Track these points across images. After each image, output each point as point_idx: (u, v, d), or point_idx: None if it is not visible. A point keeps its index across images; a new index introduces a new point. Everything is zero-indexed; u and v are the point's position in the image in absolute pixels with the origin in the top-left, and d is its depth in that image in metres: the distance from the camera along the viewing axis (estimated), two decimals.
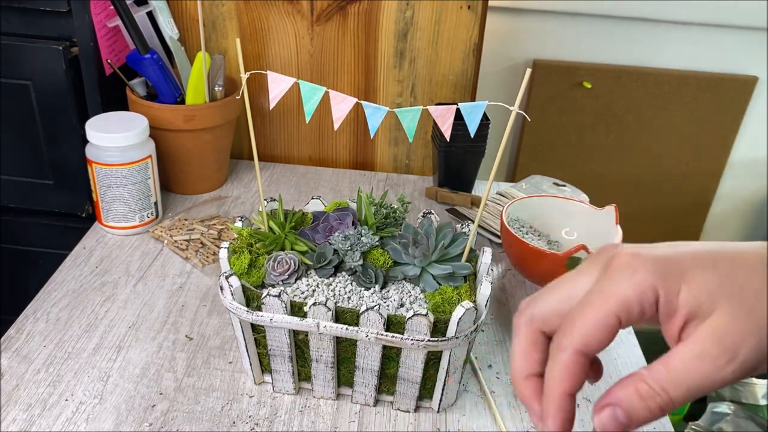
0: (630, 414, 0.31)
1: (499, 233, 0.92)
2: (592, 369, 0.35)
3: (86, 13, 0.86)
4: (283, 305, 0.59)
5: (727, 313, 0.31)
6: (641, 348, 0.77)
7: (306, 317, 0.59)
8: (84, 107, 0.91)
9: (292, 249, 0.65)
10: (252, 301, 0.61)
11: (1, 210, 1.00)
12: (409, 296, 0.63)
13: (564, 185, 1.01)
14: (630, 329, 0.79)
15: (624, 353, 0.76)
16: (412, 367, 0.62)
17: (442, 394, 0.64)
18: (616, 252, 0.33)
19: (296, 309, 0.60)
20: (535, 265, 0.82)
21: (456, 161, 1.01)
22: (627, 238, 0.83)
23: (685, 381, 0.31)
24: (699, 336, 0.31)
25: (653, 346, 1.73)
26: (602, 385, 0.71)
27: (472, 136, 0.59)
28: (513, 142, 1.50)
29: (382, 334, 0.59)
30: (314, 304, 0.58)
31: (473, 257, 0.66)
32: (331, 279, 0.64)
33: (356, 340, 0.61)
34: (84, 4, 0.85)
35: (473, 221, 0.72)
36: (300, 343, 0.63)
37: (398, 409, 0.66)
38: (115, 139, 0.83)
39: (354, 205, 0.70)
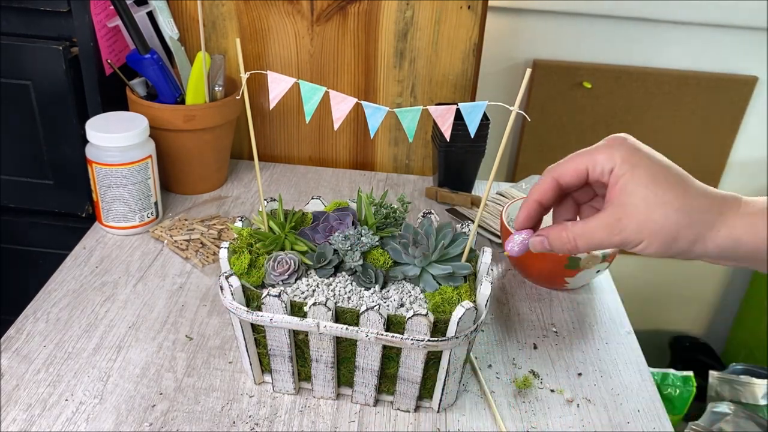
0: (551, 245, 0.53)
1: (499, 233, 0.92)
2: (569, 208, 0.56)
3: (86, 13, 0.86)
4: (283, 305, 0.59)
5: (630, 205, 0.49)
6: (641, 348, 0.77)
7: (306, 317, 0.59)
8: (84, 107, 0.91)
9: (292, 249, 0.65)
10: (252, 301, 0.61)
11: (1, 210, 1.00)
12: (409, 296, 0.63)
13: None
14: (630, 330, 0.80)
15: (623, 353, 0.76)
16: (412, 367, 0.62)
17: (442, 394, 0.64)
18: (615, 137, 0.51)
19: (296, 309, 0.60)
20: (535, 265, 0.82)
21: (456, 161, 1.01)
22: None
23: (589, 239, 0.51)
24: (608, 212, 0.50)
25: (653, 347, 1.73)
26: (605, 388, 0.71)
27: (472, 136, 0.59)
28: (513, 142, 1.50)
29: (382, 334, 0.59)
30: (314, 304, 0.58)
31: (473, 257, 0.66)
32: (331, 279, 0.64)
33: (356, 340, 0.61)
34: (84, 4, 0.85)
35: (473, 221, 0.72)
36: (300, 343, 0.63)
37: (398, 409, 0.66)
38: (115, 139, 0.83)
39: (354, 205, 0.70)
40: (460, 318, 0.57)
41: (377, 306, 0.58)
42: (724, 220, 0.49)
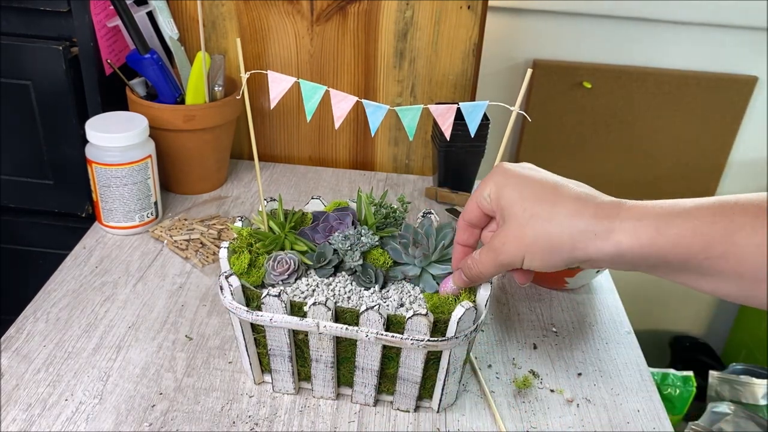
0: (467, 275, 0.57)
1: None
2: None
3: (86, 13, 0.86)
4: (283, 305, 0.59)
5: (507, 225, 0.52)
6: (641, 348, 0.77)
7: (306, 317, 0.59)
8: (84, 107, 0.91)
9: (291, 249, 0.65)
10: (252, 300, 0.61)
11: (1, 210, 1.00)
12: (409, 296, 0.63)
13: None
14: (630, 330, 0.80)
15: (623, 353, 0.76)
16: (411, 367, 0.62)
17: (441, 394, 0.64)
18: (494, 169, 0.55)
19: (296, 309, 0.60)
20: None
21: (456, 161, 1.01)
22: None
23: (483, 265, 0.55)
24: (495, 237, 0.53)
25: (653, 347, 1.73)
26: (605, 388, 0.71)
27: (472, 135, 0.59)
28: (513, 142, 1.50)
29: (381, 334, 0.59)
30: (314, 303, 0.58)
31: None
32: (331, 279, 0.64)
33: (356, 340, 0.61)
34: (84, 4, 0.85)
35: None
36: (300, 342, 0.63)
37: (398, 409, 0.66)
38: (115, 139, 0.83)
39: (354, 205, 0.70)
40: (459, 318, 0.57)
41: (377, 306, 0.58)
42: (605, 225, 0.48)
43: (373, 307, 0.58)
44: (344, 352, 0.63)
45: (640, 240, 0.47)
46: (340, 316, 0.60)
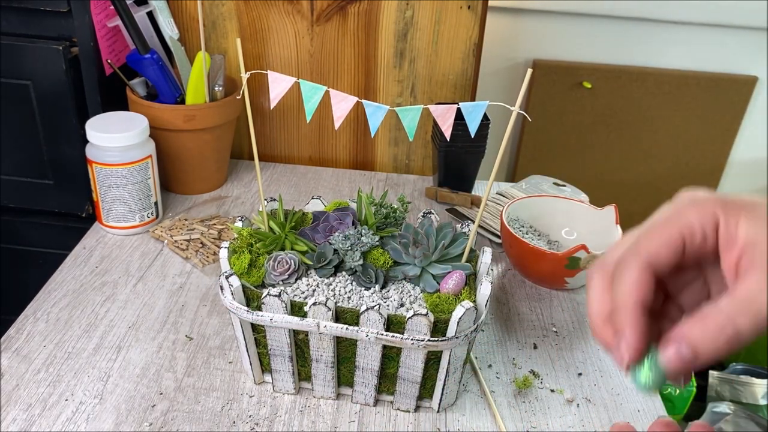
0: (700, 348, 0.31)
1: (499, 233, 0.92)
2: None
3: (86, 13, 0.86)
4: (283, 305, 0.59)
5: None
6: None
7: (306, 317, 0.59)
8: (84, 107, 0.91)
9: (291, 249, 0.65)
10: (252, 300, 0.61)
11: (1, 210, 1.00)
12: (409, 296, 0.63)
13: (564, 185, 1.01)
14: None
15: None
16: (412, 367, 0.62)
17: (442, 394, 0.64)
18: (680, 195, 0.35)
19: (296, 309, 0.60)
20: (534, 265, 0.82)
21: (456, 161, 1.01)
22: None
23: (750, 310, 0.31)
24: (755, 276, 0.31)
25: None
26: (605, 388, 0.71)
27: (472, 136, 0.59)
28: (513, 142, 1.50)
29: (382, 334, 0.59)
30: (314, 303, 0.58)
31: (473, 257, 0.66)
32: (331, 279, 0.64)
33: (356, 340, 0.61)
34: (84, 4, 0.85)
35: (473, 221, 0.72)
36: (300, 342, 0.63)
37: (398, 409, 0.66)
38: (115, 139, 0.83)
39: (354, 205, 0.70)
40: (460, 318, 0.57)
41: (377, 306, 0.58)
42: None
43: (373, 307, 0.58)
44: (344, 352, 0.63)
45: None
46: (341, 316, 0.60)
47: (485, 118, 0.98)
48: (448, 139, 0.59)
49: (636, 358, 0.34)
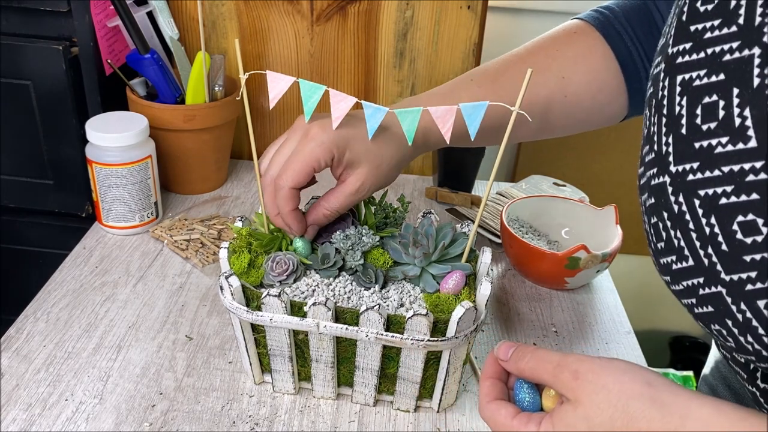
0: (321, 224, 0.65)
1: (499, 233, 0.92)
2: None
3: (86, 13, 0.86)
4: (283, 305, 0.59)
5: (366, 167, 0.61)
6: (641, 348, 0.77)
7: (306, 317, 0.59)
8: (84, 107, 0.91)
9: (287, 249, 0.65)
10: (252, 301, 0.61)
11: (1, 210, 1.00)
12: (409, 296, 0.63)
13: (564, 185, 1.01)
14: (630, 330, 0.80)
15: (624, 353, 0.76)
16: (411, 366, 0.62)
17: (442, 394, 0.64)
18: (309, 125, 0.60)
19: (296, 309, 0.60)
20: (534, 265, 0.82)
21: (456, 161, 1.01)
22: (627, 238, 0.84)
23: (343, 206, 0.62)
24: (351, 181, 0.61)
25: (653, 347, 1.73)
26: None
27: (472, 138, 0.59)
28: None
29: (382, 334, 0.59)
30: (314, 304, 0.58)
31: (473, 257, 0.66)
32: (331, 279, 0.64)
33: (356, 340, 0.61)
34: (84, 4, 0.85)
35: (473, 221, 0.72)
36: (300, 342, 0.63)
37: (398, 409, 0.66)
38: (115, 139, 0.83)
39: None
40: (459, 318, 0.57)
41: (377, 306, 0.58)
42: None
43: (373, 307, 0.58)
44: (344, 352, 0.63)
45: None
46: (340, 316, 0.60)
47: None
48: (448, 142, 0.59)
49: (299, 235, 0.64)
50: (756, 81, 0.38)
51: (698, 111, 0.42)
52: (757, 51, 0.38)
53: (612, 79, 0.69)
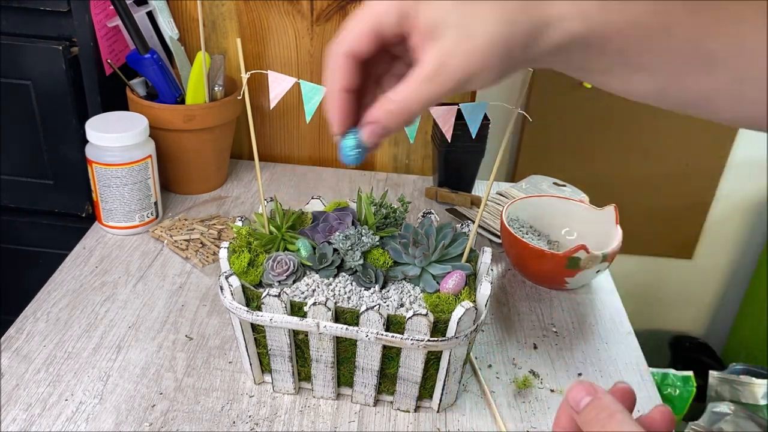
0: (386, 126, 0.42)
1: (499, 233, 0.92)
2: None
3: (86, 13, 0.86)
4: (283, 305, 0.59)
5: (449, 36, 0.38)
6: (641, 349, 0.77)
7: (306, 317, 0.59)
8: (84, 107, 0.91)
9: (286, 249, 0.65)
10: (252, 300, 0.61)
11: (1, 210, 1.00)
12: (409, 296, 0.63)
13: (564, 185, 1.01)
14: (630, 330, 0.80)
15: (624, 353, 0.76)
16: (412, 367, 0.62)
17: (442, 394, 0.64)
18: None
19: (296, 309, 0.60)
20: (534, 265, 0.82)
21: (456, 161, 1.01)
22: (627, 238, 0.83)
23: (418, 99, 0.40)
24: (428, 59, 0.39)
25: (653, 347, 1.73)
26: (605, 388, 0.71)
27: (473, 136, 0.59)
28: (513, 142, 1.50)
29: (382, 334, 0.59)
30: (314, 304, 0.58)
31: (473, 257, 0.66)
32: (331, 279, 0.64)
33: (356, 340, 0.61)
34: (84, 4, 0.85)
35: (473, 221, 0.72)
36: (300, 342, 0.63)
37: (398, 409, 0.66)
38: (115, 139, 0.83)
39: (354, 205, 0.70)
40: (460, 318, 0.57)
41: (377, 306, 0.58)
42: (550, 12, 0.38)
43: (373, 307, 0.58)
44: (344, 352, 0.63)
45: (585, 22, 0.38)
46: (340, 316, 0.60)
47: (485, 118, 0.98)
48: (449, 140, 0.59)
49: (341, 131, 0.43)
50: None
51: None
52: None
53: None
